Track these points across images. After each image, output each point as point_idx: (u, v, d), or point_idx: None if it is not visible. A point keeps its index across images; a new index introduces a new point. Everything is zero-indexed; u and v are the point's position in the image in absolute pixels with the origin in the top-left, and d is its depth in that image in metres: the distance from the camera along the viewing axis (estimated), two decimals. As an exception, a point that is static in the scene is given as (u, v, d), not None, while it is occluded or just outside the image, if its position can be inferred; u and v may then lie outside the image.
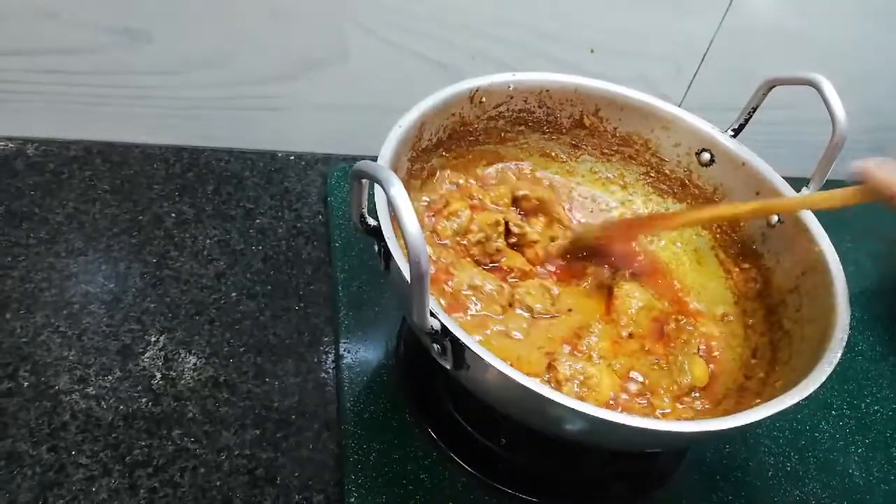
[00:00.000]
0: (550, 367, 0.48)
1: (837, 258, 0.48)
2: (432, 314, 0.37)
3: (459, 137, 0.57)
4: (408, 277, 0.36)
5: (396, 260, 0.40)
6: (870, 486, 0.58)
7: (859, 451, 0.60)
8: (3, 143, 0.66)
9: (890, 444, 0.61)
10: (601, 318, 0.54)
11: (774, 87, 0.54)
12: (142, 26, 0.62)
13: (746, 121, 0.56)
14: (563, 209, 0.60)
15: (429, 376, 0.55)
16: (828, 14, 0.76)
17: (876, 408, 0.64)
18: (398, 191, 0.33)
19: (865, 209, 0.87)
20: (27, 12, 0.59)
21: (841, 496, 0.56)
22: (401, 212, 0.33)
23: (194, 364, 0.54)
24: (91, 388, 0.51)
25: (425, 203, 0.55)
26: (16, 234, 0.59)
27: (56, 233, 0.60)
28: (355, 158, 0.64)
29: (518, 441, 0.52)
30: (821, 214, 0.52)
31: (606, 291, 0.55)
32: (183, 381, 0.53)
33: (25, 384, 0.50)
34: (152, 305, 0.57)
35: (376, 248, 0.44)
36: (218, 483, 0.48)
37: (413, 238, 0.33)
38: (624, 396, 0.49)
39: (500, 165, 0.60)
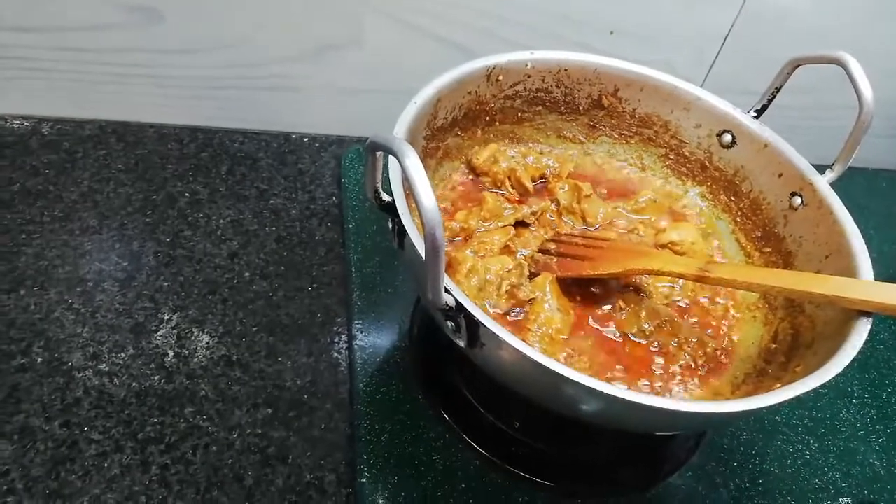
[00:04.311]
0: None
1: (863, 242, 0.47)
2: (447, 290, 0.37)
3: (475, 116, 0.56)
4: (422, 253, 0.35)
5: (411, 236, 0.39)
6: (891, 475, 0.56)
7: (880, 440, 0.59)
8: (18, 122, 0.66)
9: (912, 433, 0.60)
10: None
11: (799, 66, 0.52)
12: (157, 5, 0.62)
13: (770, 101, 0.55)
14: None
15: (442, 358, 0.54)
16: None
17: (898, 397, 0.63)
18: (413, 161, 0.33)
19: (888, 198, 0.86)
20: (42, -11, 0.59)
21: (861, 485, 0.55)
22: (415, 183, 0.32)
23: (207, 343, 0.54)
24: (104, 365, 0.51)
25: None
26: (30, 211, 0.59)
27: (70, 211, 0.60)
28: (385, 134, 0.64)
29: (532, 424, 0.51)
30: (842, 199, 0.50)
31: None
32: (195, 360, 0.53)
33: (39, 360, 0.50)
34: (165, 284, 0.57)
35: (390, 224, 0.43)
36: (230, 461, 0.48)
37: (428, 210, 0.32)
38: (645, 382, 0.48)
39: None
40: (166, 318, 0.55)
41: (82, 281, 0.55)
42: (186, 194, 0.64)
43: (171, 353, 0.53)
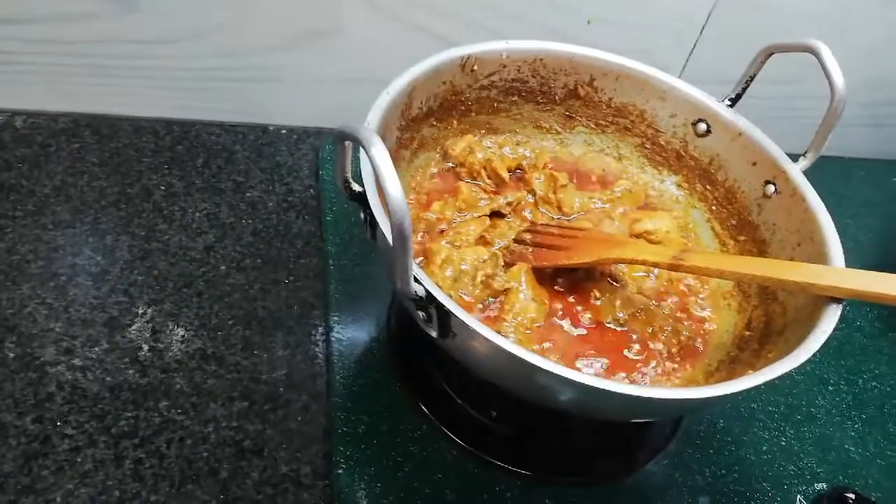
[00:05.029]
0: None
1: (834, 228, 0.47)
2: (416, 280, 0.37)
3: (451, 107, 0.56)
4: (391, 242, 0.35)
5: (381, 225, 0.39)
6: (866, 460, 0.57)
7: (856, 426, 0.59)
8: (-10, 115, 0.65)
9: (887, 419, 0.60)
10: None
11: (773, 54, 0.52)
12: (129, -5, 0.61)
13: (744, 90, 0.55)
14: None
15: (419, 350, 0.54)
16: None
17: (873, 384, 0.63)
18: (379, 151, 0.33)
19: (865, 187, 0.86)
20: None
21: (836, 471, 0.56)
22: (381, 172, 0.32)
23: (182, 336, 0.53)
24: (77, 360, 0.51)
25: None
26: (3, 206, 0.58)
27: (43, 205, 0.59)
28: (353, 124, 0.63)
29: (509, 414, 0.51)
30: (817, 188, 0.50)
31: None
32: (170, 354, 0.52)
33: (11, 355, 0.50)
34: (140, 278, 0.56)
35: (362, 215, 0.43)
36: (205, 454, 0.48)
37: (394, 200, 0.32)
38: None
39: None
40: (141, 311, 0.54)
41: (55, 275, 0.55)
42: (162, 187, 0.64)
43: (145, 347, 0.52)
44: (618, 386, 0.37)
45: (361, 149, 0.37)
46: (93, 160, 0.64)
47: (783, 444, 0.57)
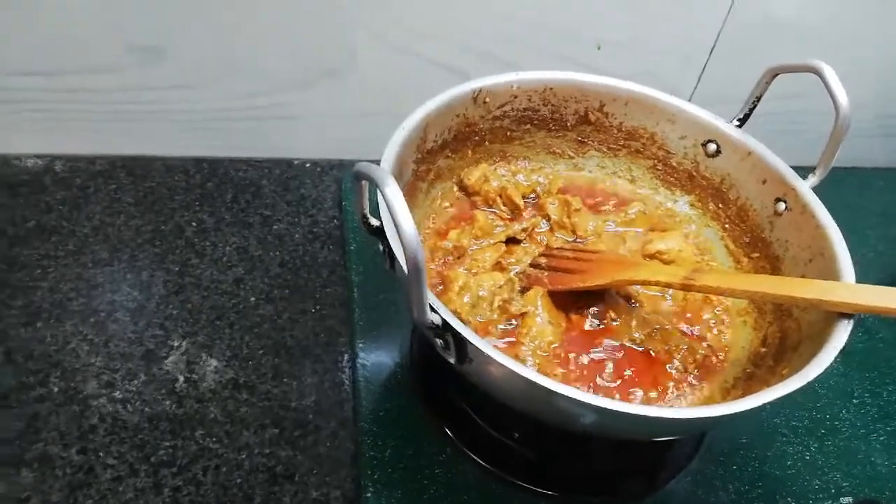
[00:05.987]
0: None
1: (844, 244, 0.48)
2: (433, 309, 0.38)
3: (465, 138, 0.58)
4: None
5: (398, 257, 0.41)
6: (893, 473, 0.57)
7: (881, 438, 0.59)
8: (32, 161, 0.69)
9: (913, 431, 0.60)
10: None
11: (777, 75, 0.54)
12: (157, 43, 0.65)
13: (752, 110, 0.56)
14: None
15: (441, 373, 0.56)
16: (838, 2, 0.75)
17: (899, 395, 0.63)
18: (393, 190, 0.35)
19: (883, 197, 0.86)
20: (50, 35, 0.62)
21: (862, 484, 0.56)
22: (395, 210, 0.34)
23: (215, 367, 0.56)
24: (118, 392, 0.53)
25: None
26: (45, 247, 0.62)
27: (83, 245, 0.63)
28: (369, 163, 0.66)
29: (531, 435, 0.53)
30: (834, 200, 0.51)
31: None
32: (205, 384, 0.55)
33: (56, 390, 0.53)
34: (175, 311, 0.59)
35: (381, 247, 0.45)
36: (239, 481, 0.50)
37: (408, 235, 0.34)
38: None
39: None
40: (176, 344, 0.57)
41: (95, 312, 0.58)
42: (193, 224, 0.67)
43: (181, 379, 0.55)
44: (635, 408, 0.38)
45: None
46: (128, 200, 0.67)
47: (807, 458, 0.57)
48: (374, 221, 0.43)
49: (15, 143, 0.69)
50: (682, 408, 0.45)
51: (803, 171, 0.54)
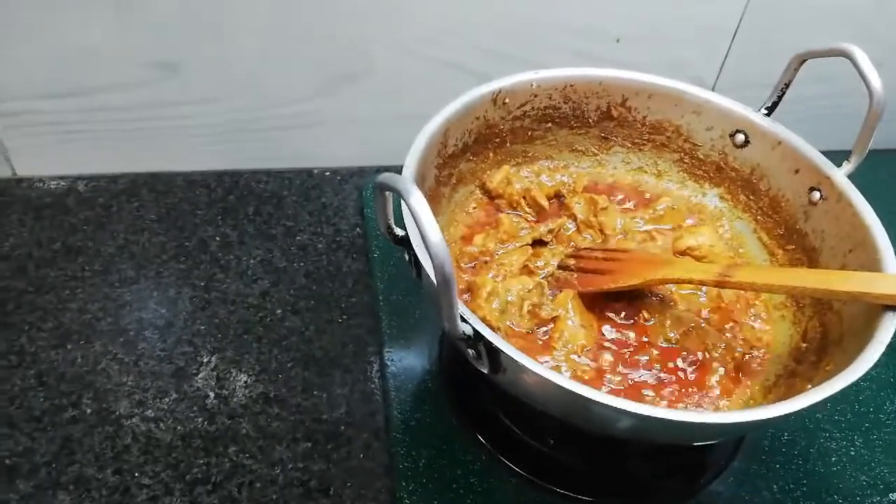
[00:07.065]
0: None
1: (885, 233, 0.46)
2: (463, 319, 0.38)
3: (486, 140, 0.57)
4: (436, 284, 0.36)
5: (425, 267, 0.40)
6: (943, 466, 0.55)
7: (929, 430, 0.57)
8: (55, 183, 0.69)
9: (962, 421, 0.58)
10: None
11: (806, 60, 0.52)
12: (174, 59, 0.65)
13: (780, 98, 0.55)
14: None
15: (472, 380, 0.55)
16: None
17: (945, 384, 0.61)
18: (418, 200, 0.34)
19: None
20: (66, 58, 0.62)
21: (912, 479, 0.54)
22: (421, 221, 0.33)
23: (245, 382, 0.56)
24: (150, 411, 0.53)
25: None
26: (72, 267, 0.62)
27: (109, 264, 0.63)
28: (389, 169, 0.65)
29: (567, 440, 0.52)
30: (872, 187, 0.50)
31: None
32: (235, 399, 0.55)
33: (89, 411, 0.53)
34: (202, 327, 0.59)
35: (407, 257, 0.44)
36: (274, 496, 0.49)
37: (435, 246, 0.34)
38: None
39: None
40: (205, 360, 0.57)
41: (124, 331, 0.58)
42: (217, 238, 0.67)
43: (211, 395, 0.55)
44: (675, 413, 0.37)
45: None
46: (151, 217, 0.68)
47: (853, 453, 0.55)
48: (398, 231, 0.43)
49: (37, 165, 0.69)
50: (723, 412, 0.44)
51: (835, 156, 0.52)
